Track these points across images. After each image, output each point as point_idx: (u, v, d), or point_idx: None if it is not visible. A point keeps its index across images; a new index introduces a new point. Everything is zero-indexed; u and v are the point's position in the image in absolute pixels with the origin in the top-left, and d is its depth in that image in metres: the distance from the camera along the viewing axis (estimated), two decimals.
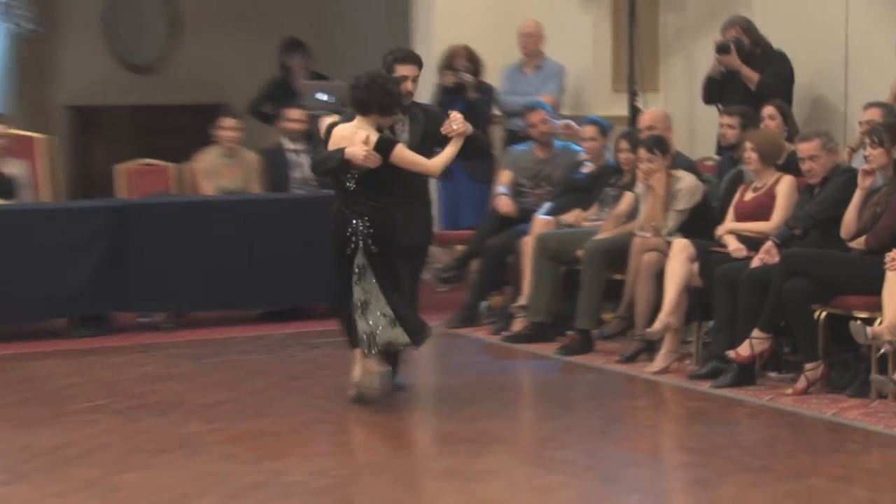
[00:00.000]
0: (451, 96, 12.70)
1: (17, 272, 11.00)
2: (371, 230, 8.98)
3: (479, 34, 13.23)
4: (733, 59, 11.07)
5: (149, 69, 16.52)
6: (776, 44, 11.48)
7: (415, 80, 9.49)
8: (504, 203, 11.56)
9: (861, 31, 11.18)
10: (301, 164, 12.69)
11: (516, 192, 11.63)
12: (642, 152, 10.27)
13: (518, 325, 10.82)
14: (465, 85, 12.78)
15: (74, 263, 11.24)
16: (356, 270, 9.03)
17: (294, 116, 12.85)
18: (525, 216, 11.25)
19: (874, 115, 9.44)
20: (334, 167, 9.12)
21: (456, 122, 8.91)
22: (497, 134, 12.98)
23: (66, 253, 11.21)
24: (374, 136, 9.01)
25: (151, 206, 12.02)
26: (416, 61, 9.58)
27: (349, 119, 9.25)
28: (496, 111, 13.06)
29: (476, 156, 9.92)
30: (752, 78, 11.03)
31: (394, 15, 14.51)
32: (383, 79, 9.29)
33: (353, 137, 9.03)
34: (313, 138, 11.75)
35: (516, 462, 7.83)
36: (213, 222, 11.81)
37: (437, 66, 12.94)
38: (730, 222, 9.89)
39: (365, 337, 8.95)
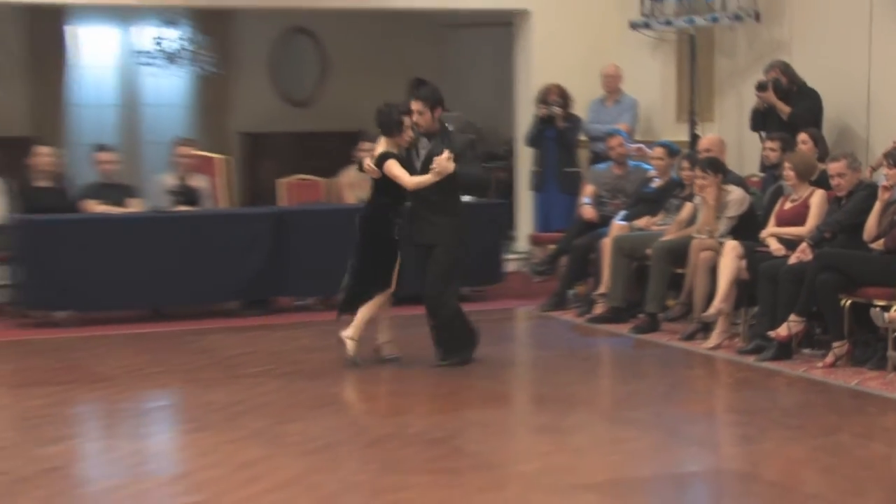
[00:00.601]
0: (544, 125, 12.73)
1: (198, 264, 11.15)
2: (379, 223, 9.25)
3: (569, 74, 12.86)
4: (769, 96, 10.91)
5: (304, 103, 16.45)
6: (810, 83, 11.32)
7: (421, 113, 9.37)
8: (588, 211, 11.54)
9: (881, 73, 11.03)
10: None
11: (598, 202, 11.57)
12: (697, 171, 10.21)
13: (598, 309, 10.86)
14: (554, 116, 12.63)
15: (244, 257, 11.37)
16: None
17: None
18: (604, 222, 11.24)
19: (840, 167, 9.33)
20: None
21: (437, 162, 8.91)
22: (583, 155, 12.77)
23: (238, 249, 11.36)
24: (379, 152, 9.26)
25: (306, 212, 12.25)
26: (425, 98, 9.44)
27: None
28: (582, 137, 12.73)
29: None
30: (784, 111, 10.91)
31: (500, 59, 14.40)
32: (388, 108, 9.51)
33: (373, 152, 9.34)
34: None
35: (597, 419, 7.98)
36: (353, 224, 11.70)
37: (534, 100, 12.87)
38: (771, 227, 9.84)
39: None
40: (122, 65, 16.42)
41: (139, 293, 11.23)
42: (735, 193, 10.18)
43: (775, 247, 9.58)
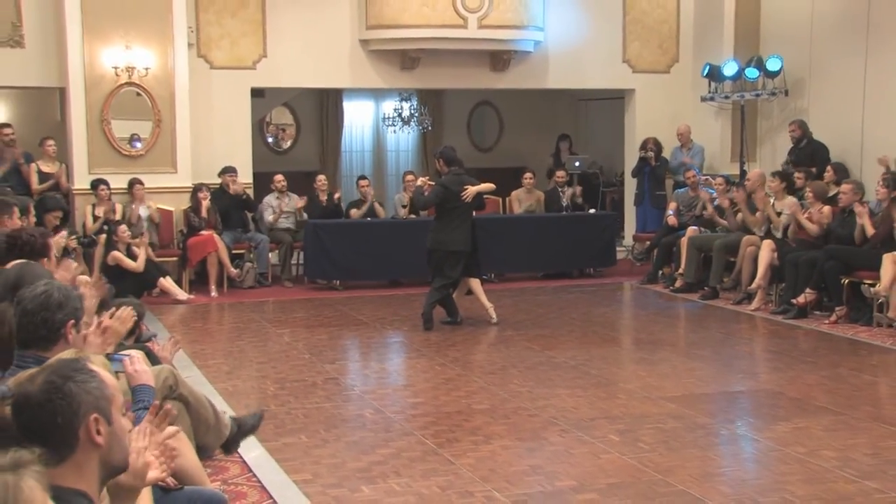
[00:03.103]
0: (643, 163, 12.55)
1: (419, 251, 9.33)
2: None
3: (658, 130, 12.55)
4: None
5: (488, 150, 16.60)
6: (822, 136, 11.10)
7: (439, 164, 8.96)
8: (672, 219, 11.26)
9: (871, 130, 10.70)
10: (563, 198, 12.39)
11: (678, 213, 11.29)
12: (736, 192, 10.40)
13: (678, 283, 10.60)
14: (649, 158, 12.43)
15: None
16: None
17: (560, 174, 12.49)
18: (682, 226, 11.00)
19: (847, 188, 9.19)
20: None
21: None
22: (669, 183, 12.50)
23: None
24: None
25: (494, 219, 11.54)
26: (440, 157, 9.00)
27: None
28: (668, 171, 12.51)
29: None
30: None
31: (615, 121, 14.15)
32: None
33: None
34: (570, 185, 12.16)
35: (675, 355, 7.87)
36: (519, 227, 11.66)
37: (638, 148, 12.70)
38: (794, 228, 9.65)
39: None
40: (374, 125, 16.57)
41: (382, 270, 11.18)
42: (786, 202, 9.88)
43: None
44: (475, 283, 9.02)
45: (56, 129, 11.46)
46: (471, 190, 8.71)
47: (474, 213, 9.02)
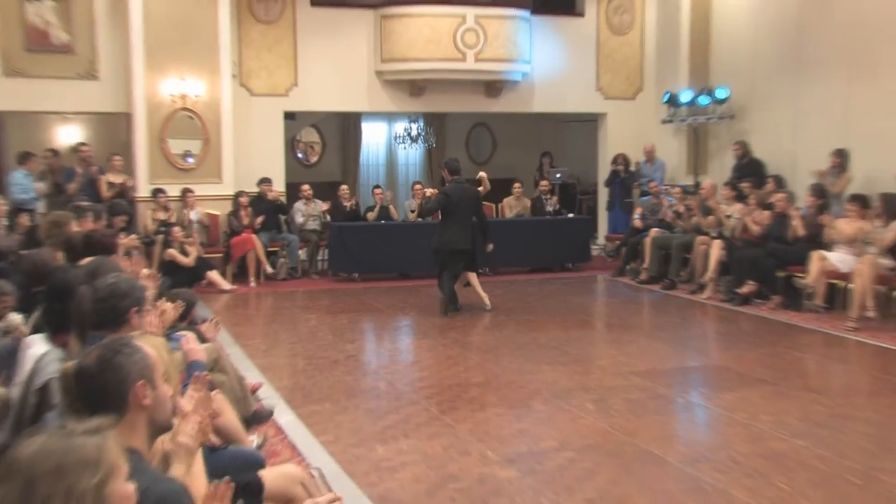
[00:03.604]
0: (614, 175, 12.52)
1: (425, 248, 9.18)
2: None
3: (627, 147, 12.61)
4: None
5: (483, 163, 16.40)
6: (761, 153, 11.08)
7: (444, 173, 8.92)
8: (637, 222, 11.13)
9: (803, 149, 10.60)
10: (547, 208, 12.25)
11: (643, 217, 11.14)
12: (691, 200, 10.46)
13: (643, 276, 10.51)
14: (619, 171, 12.41)
15: None
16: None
17: (543, 184, 12.31)
18: (647, 229, 10.86)
19: (781, 197, 9.22)
20: None
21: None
22: (636, 192, 12.42)
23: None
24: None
25: (488, 222, 11.36)
26: (445, 167, 8.95)
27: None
28: (636, 182, 12.44)
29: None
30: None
31: (590, 139, 14.11)
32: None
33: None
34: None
35: (640, 336, 7.78)
36: (510, 229, 11.40)
37: (610, 162, 12.65)
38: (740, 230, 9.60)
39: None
40: (387, 142, 16.49)
41: (394, 264, 11.07)
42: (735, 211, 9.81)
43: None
44: (472, 276, 8.98)
45: (123, 147, 11.47)
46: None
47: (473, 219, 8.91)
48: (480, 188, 8.83)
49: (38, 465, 1.51)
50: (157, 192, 10.68)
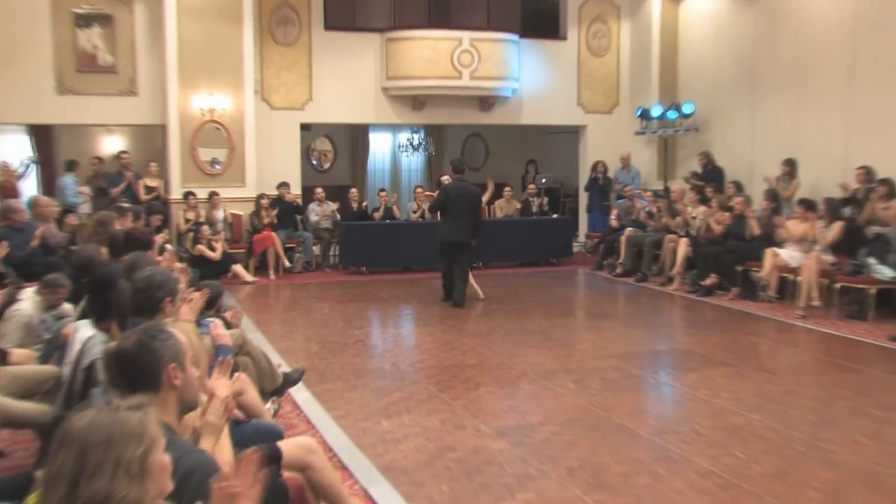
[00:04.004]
0: (593, 181, 12.47)
1: (428, 244, 9.45)
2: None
3: (605, 156, 12.55)
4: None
5: (477, 169, 16.18)
6: (722, 162, 11.12)
7: (449, 171, 8.68)
8: (614, 222, 11.08)
9: (760, 157, 10.68)
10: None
11: (619, 218, 11.10)
12: (661, 203, 10.35)
13: (618, 270, 10.50)
14: (598, 177, 12.37)
15: None
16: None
17: (531, 188, 12.37)
18: (623, 228, 10.84)
19: (740, 201, 9.18)
20: None
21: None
22: (613, 196, 12.32)
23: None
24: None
25: (482, 222, 11.37)
26: (451, 165, 8.71)
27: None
28: (614, 187, 12.30)
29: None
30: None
31: (573, 148, 14.10)
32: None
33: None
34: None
35: (616, 323, 7.71)
36: (501, 228, 11.38)
37: (590, 169, 12.61)
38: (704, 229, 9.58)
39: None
40: (392, 151, 16.40)
41: (398, 259, 10.96)
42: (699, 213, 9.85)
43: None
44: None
45: (158, 154, 11.50)
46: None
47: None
48: (486, 194, 8.78)
49: (90, 437, 1.53)
50: (187, 195, 10.70)
